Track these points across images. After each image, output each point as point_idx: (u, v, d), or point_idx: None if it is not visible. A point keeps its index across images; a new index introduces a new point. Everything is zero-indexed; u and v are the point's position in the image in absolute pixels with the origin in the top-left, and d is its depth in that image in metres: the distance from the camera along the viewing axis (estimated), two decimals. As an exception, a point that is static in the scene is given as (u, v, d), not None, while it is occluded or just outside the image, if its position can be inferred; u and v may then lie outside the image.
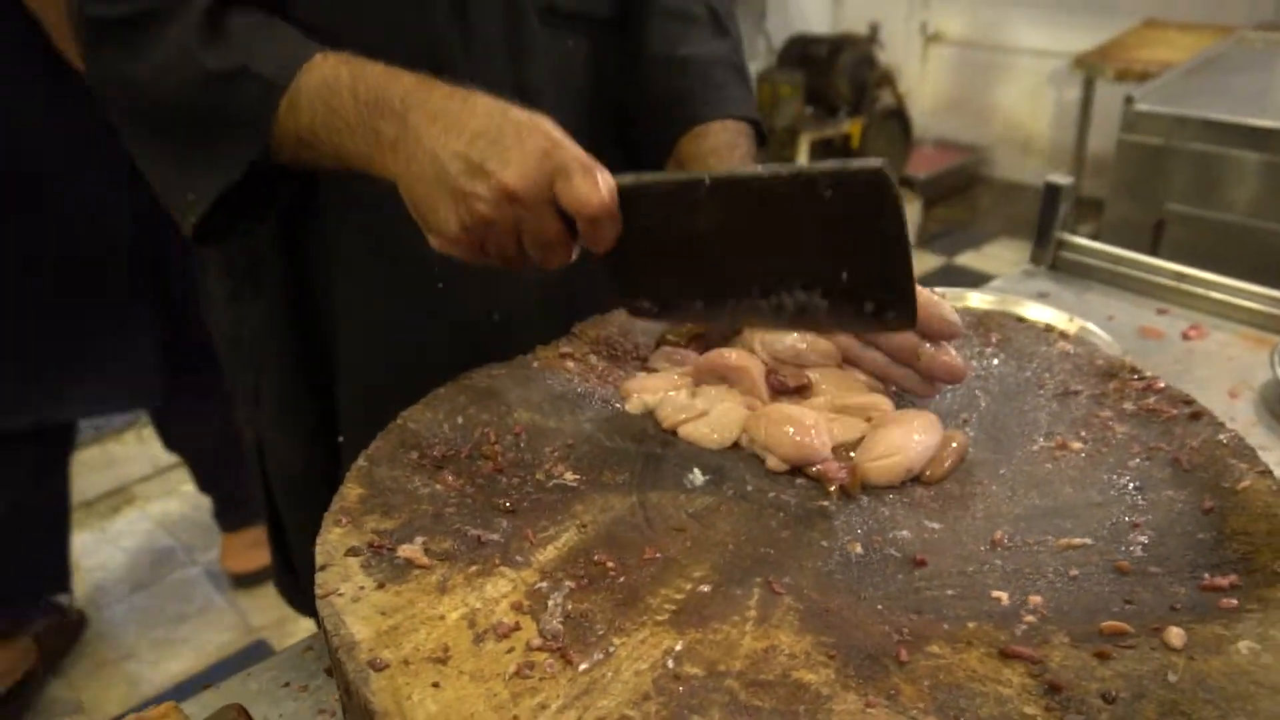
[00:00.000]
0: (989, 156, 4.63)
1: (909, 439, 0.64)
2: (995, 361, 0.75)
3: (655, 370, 0.75)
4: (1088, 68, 3.03)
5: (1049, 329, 0.78)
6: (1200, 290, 1.17)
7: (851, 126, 3.63)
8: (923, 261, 3.83)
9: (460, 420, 0.68)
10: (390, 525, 0.57)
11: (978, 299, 1.07)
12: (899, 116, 3.82)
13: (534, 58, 0.81)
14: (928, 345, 0.67)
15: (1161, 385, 0.69)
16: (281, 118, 0.69)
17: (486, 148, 0.62)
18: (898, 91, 3.88)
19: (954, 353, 0.68)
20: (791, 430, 0.64)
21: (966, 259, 3.81)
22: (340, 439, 0.87)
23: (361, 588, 0.52)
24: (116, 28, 0.71)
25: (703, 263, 0.66)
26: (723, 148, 0.83)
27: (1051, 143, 4.51)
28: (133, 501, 2.51)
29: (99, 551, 2.32)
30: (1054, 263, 1.30)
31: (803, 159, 3.50)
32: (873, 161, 0.58)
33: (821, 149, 3.73)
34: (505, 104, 0.64)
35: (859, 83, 3.64)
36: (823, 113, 3.71)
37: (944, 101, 4.74)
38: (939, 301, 0.67)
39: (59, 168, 1.57)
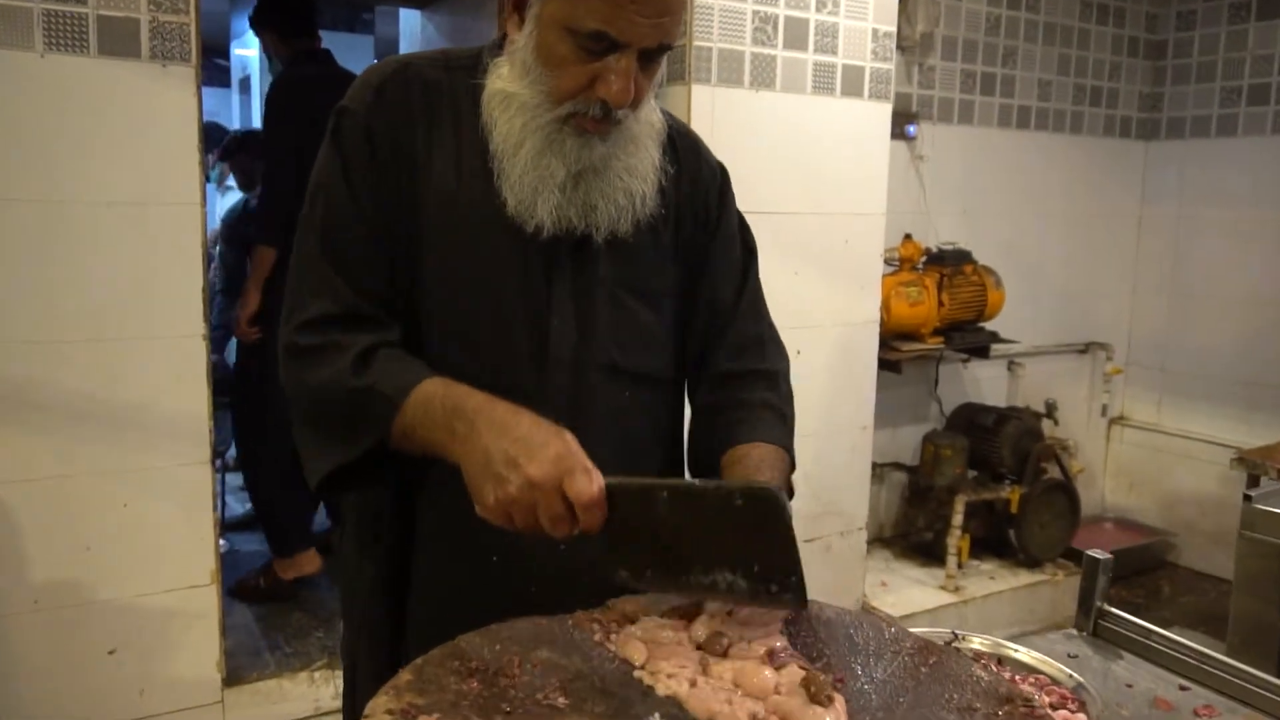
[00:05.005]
0: (1176, 542, 4.52)
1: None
2: (922, 678, 0.93)
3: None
4: (1249, 465, 3.07)
5: (976, 658, 0.95)
6: (1219, 673, 1.26)
7: (1011, 493, 3.75)
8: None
9: (498, 648, 0.94)
10: (420, 701, 0.82)
11: (980, 641, 1.22)
12: (1065, 490, 3.90)
13: (593, 404, 1.13)
14: None
15: (1041, 713, 0.85)
16: (395, 422, 1.04)
17: (521, 449, 0.94)
18: (1065, 465, 3.99)
19: None
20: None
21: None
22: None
23: (385, 733, 0.77)
24: (304, 352, 1.10)
25: (662, 547, 0.93)
26: (740, 457, 1.11)
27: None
28: (289, 737, 2.79)
29: (248, 775, 2.58)
30: (1095, 630, 1.42)
31: (958, 518, 3.63)
32: (770, 485, 0.87)
33: (983, 510, 3.84)
34: (542, 420, 0.97)
35: (1022, 453, 3.79)
36: (986, 477, 3.86)
37: (1128, 482, 4.75)
38: None
39: None
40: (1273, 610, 2.09)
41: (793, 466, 1.19)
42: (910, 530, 4.05)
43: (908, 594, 3.60)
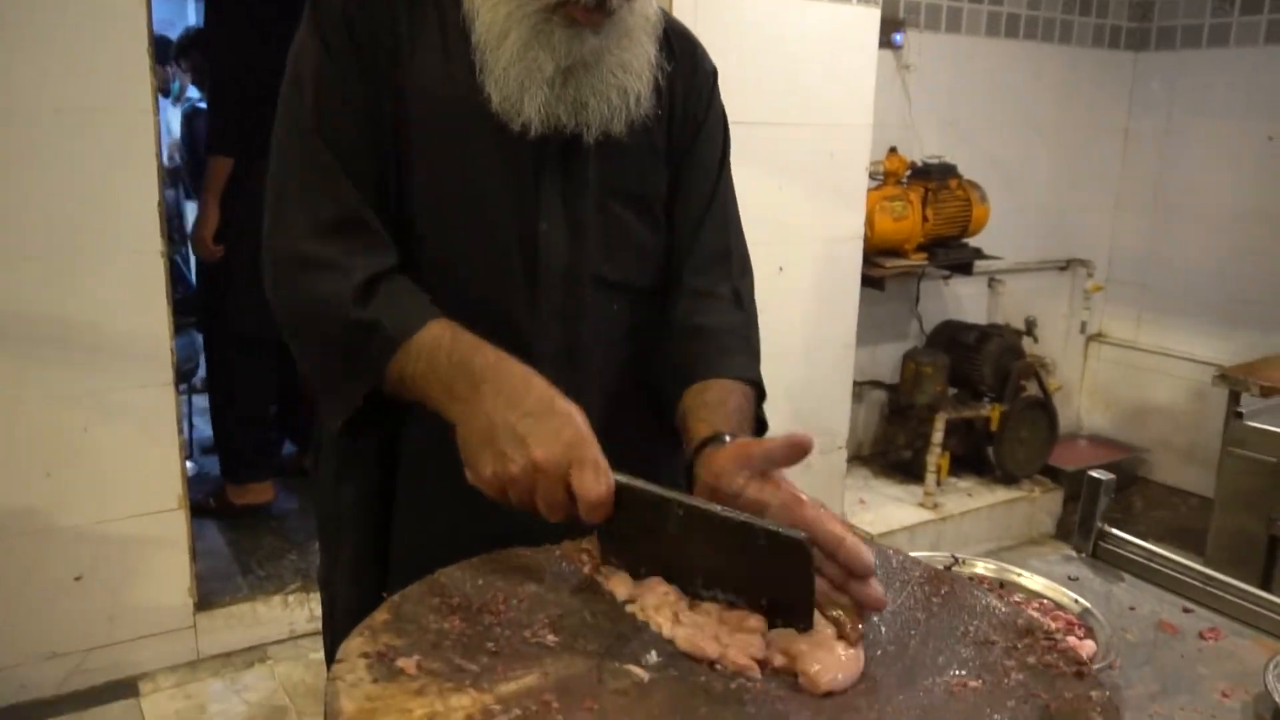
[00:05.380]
0: (1149, 459, 4.55)
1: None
2: (935, 609, 0.87)
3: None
4: (1232, 382, 3.05)
5: (990, 588, 0.90)
6: (1225, 594, 1.22)
7: (992, 411, 3.73)
8: (1060, 554, 3.77)
9: (481, 582, 0.87)
10: (398, 643, 0.76)
11: (983, 566, 1.18)
12: (1044, 407, 3.88)
13: (584, 318, 1.05)
14: (854, 580, 0.82)
15: (1064, 647, 0.80)
16: (394, 364, 0.95)
17: (530, 426, 0.86)
18: (1044, 383, 3.97)
19: (877, 586, 0.81)
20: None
21: (1109, 558, 3.71)
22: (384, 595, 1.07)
23: (360, 679, 0.70)
24: (306, 264, 1.00)
25: (664, 552, 0.87)
26: (714, 402, 1.03)
27: (1216, 452, 4.42)
28: (265, 660, 2.75)
29: (225, 699, 2.55)
30: (1094, 552, 1.38)
31: (938, 436, 3.61)
32: (798, 534, 0.79)
33: (962, 428, 3.83)
34: (555, 393, 0.89)
35: (1003, 371, 3.76)
36: (966, 395, 3.84)
37: (1104, 399, 4.76)
38: (859, 543, 0.82)
39: None
40: (1258, 526, 2.08)
41: (761, 393, 1.12)
42: (889, 448, 4.03)
43: (886, 511, 3.60)
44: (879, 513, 3.58)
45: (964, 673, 0.78)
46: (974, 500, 3.73)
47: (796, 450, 0.86)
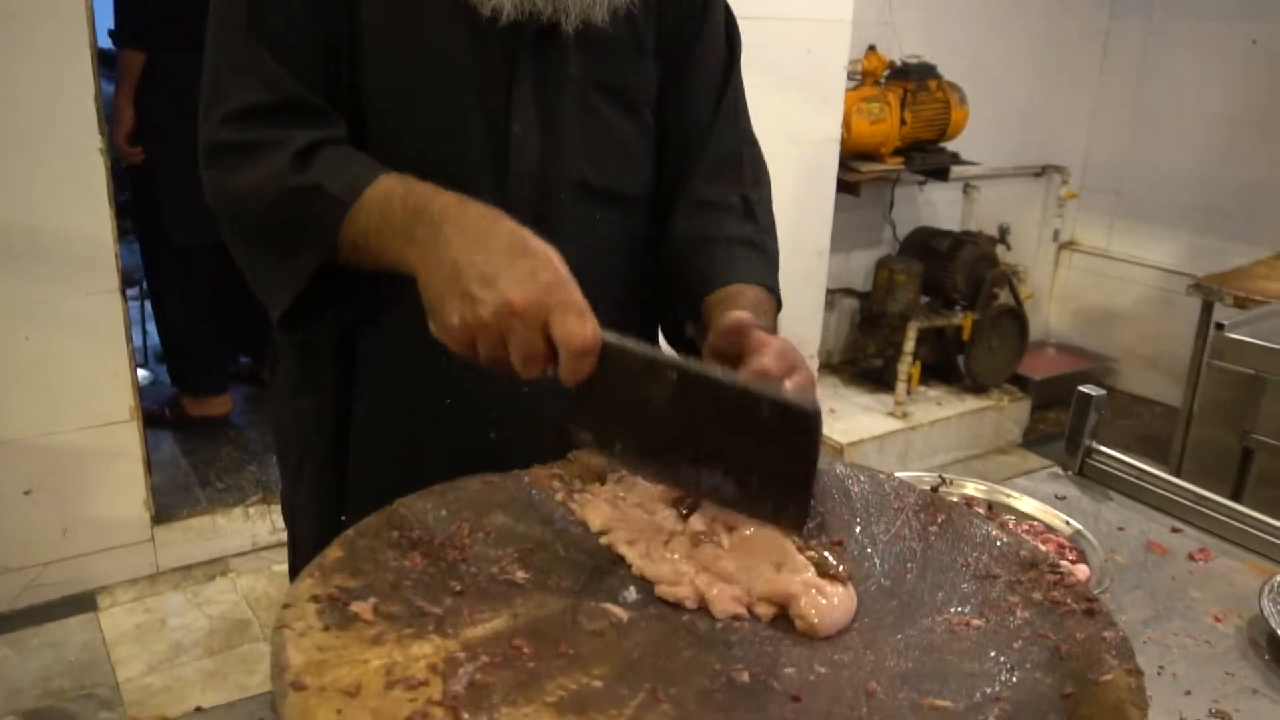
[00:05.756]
0: (1115, 367, 4.56)
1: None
2: (932, 540, 0.82)
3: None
4: (1206, 292, 3.02)
5: (990, 517, 0.84)
6: (1215, 514, 1.19)
7: (964, 319, 3.69)
8: (1027, 463, 3.79)
9: (444, 513, 0.80)
10: (353, 584, 0.69)
11: (974, 487, 1.13)
12: (1015, 316, 3.85)
13: (563, 231, 0.95)
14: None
15: (1071, 581, 0.75)
16: (345, 227, 0.86)
17: (502, 264, 0.75)
18: (1016, 291, 3.93)
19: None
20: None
21: (1073, 466, 3.74)
22: (344, 518, 1.00)
23: (310, 626, 0.64)
24: (230, 151, 0.90)
25: (648, 421, 0.77)
26: (747, 305, 0.94)
27: (1183, 361, 4.43)
28: (226, 573, 2.70)
29: (185, 612, 2.51)
30: (1081, 469, 1.34)
31: (910, 345, 3.57)
32: (810, 403, 0.71)
33: (933, 336, 3.79)
34: (527, 232, 0.78)
35: (976, 279, 3.71)
36: (938, 303, 3.79)
37: (1073, 307, 4.75)
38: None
39: None
40: (1232, 438, 2.06)
41: (778, 304, 1.04)
42: (859, 357, 4.00)
43: (856, 421, 3.57)
44: (849, 422, 3.56)
45: (966, 610, 0.73)
46: (943, 409, 3.72)
47: None
